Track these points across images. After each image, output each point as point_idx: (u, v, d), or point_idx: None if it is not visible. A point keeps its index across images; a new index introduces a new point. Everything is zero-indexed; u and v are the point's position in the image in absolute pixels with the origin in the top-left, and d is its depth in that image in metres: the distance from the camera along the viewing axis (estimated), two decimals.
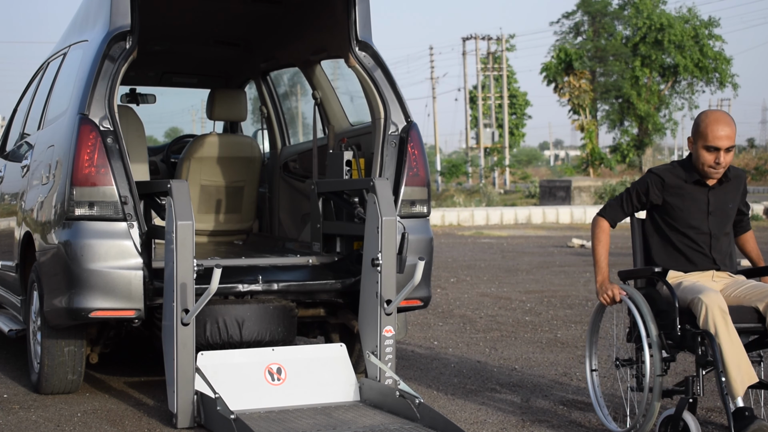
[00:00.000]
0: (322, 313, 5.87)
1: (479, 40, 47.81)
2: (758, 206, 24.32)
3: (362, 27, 5.77)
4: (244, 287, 5.35)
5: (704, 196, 4.66)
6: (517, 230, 21.48)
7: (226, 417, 4.61)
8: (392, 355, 5.21)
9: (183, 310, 4.80)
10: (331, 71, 6.80)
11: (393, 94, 5.72)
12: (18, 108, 7.34)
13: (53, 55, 6.67)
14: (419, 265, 5.03)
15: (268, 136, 7.51)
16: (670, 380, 5.05)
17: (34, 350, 5.66)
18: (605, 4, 48.88)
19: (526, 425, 4.92)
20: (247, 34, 7.07)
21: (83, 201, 5.09)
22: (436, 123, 49.68)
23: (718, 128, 4.52)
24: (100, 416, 5.17)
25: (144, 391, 5.75)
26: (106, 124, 5.17)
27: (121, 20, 5.37)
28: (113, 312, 5.10)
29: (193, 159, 6.69)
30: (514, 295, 9.97)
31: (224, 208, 6.89)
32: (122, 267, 5.07)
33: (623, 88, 46.48)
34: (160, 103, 8.17)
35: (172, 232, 4.82)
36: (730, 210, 4.73)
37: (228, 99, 6.90)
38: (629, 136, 48.24)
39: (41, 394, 5.58)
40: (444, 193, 34.18)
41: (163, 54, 7.41)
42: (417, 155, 5.61)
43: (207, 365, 4.97)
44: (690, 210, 4.65)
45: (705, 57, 46.39)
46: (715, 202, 4.66)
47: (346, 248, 5.80)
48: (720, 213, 4.68)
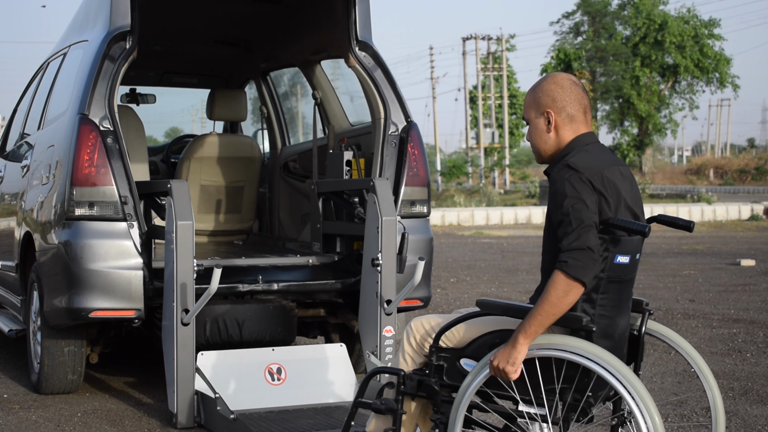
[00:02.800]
0: (322, 313, 5.88)
1: (479, 40, 47.78)
2: (758, 206, 24.33)
3: (362, 27, 5.77)
4: (244, 287, 5.35)
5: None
6: (517, 230, 21.47)
7: (226, 417, 4.61)
8: (392, 355, 5.21)
9: (183, 310, 4.80)
10: (331, 71, 6.80)
11: (393, 94, 5.72)
12: (18, 108, 7.34)
13: (53, 55, 6.67)
14: (419, 265, 5.02)
15: (268, 136, 7.51)
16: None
17: (34, 350, 5.66)
18: (605, 4, 48.84)
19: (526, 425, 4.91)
20: (247, 34, 7.07)
21: (83, 201, 5.09)
22: (436, 123, 49.67)
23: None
24: (100, 416, 5.17)
25: (144, 391, 5.75)
26: (106, 124, 5.17)
27: (121, 20, 5.37)
28: (113, 312, 5.10)
29: (193, 159, 6.69)
30: (514, 295, 9.97)
31: (224, 208, 6.89)
32: (122, 267, 5.07)
33: (623, 88, 46.46)
34: (160, 103, 8.18)
35: (172, 232, 4.82)
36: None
37: (228, 99, 6.90)
38: (629, 136, 48.22)
39: (41, 394, 5.58)
40: (444, 193, 34.16)
41: (163, 54, 7.41)
42: (417, 155, 5.61)
43: (207, 365, 4.97)
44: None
45: (705, 57, 46.36)
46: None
47: (346, 248, 5.80)
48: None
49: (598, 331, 3.11)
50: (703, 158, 58.39)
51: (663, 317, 8.35)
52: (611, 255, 3.10)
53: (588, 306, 3.11)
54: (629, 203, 3.18)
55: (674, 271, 12.37)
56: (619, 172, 3.19)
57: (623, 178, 3.19)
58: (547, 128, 3.27)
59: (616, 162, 3.21)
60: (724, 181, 47.16)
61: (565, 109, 3.25)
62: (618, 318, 3.19)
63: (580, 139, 3.24)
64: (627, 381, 2.98)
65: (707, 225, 21.96)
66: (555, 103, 3.25)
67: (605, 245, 3.08)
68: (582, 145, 3.22)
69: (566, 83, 3.26)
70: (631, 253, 3.15)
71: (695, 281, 11.15)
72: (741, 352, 6.79)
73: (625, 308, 3.24)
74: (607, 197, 3.10)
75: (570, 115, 3.25)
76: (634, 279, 3.28)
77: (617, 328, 3.19)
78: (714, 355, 6.67)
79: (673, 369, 6.20)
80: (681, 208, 23.61)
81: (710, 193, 30.63)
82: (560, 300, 3.00)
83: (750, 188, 42.28)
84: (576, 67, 42.90)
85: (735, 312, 8.63)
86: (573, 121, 3.25)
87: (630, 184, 3.22)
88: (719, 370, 6.17)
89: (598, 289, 3.11)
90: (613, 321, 3.16)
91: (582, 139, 3.24)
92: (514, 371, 3.07)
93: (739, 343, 7.12)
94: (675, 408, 5.22)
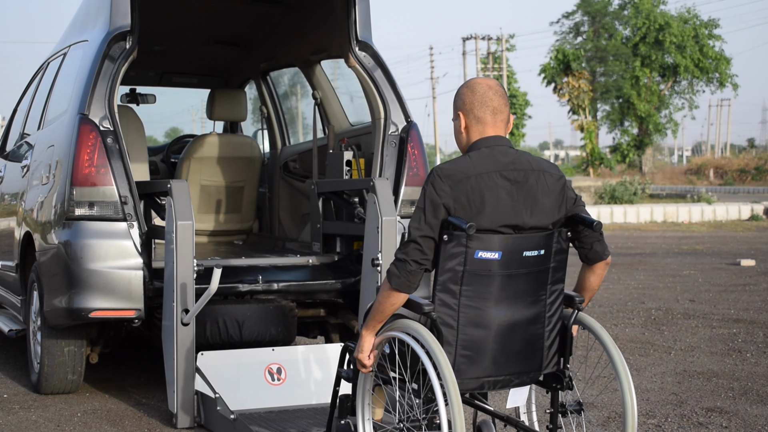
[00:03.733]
0: (322, 313, 5.88)
1: (479, 40, 47.81)
2: (758, 206, 24.33)
3: (362, 27, 5.77)
4: (244, 287, 5.35)
5: None
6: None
7: (226, 417, 4.61)
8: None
9: (183, 310, 4.80)
10: (331, 71, 6.80)
11: (393, 94, 5.72)
12: (18, 108, 7.34)
13: (53, 55, 6.67)
14: None
15: (268, 136, 7.51)
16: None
17: (34, 350, 5.66)
18: (605, 4, 48.86)
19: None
20: (247, 34, 7.07)
21: (83, 201, 5.09)
22: (436, 123, 49.69)
23: None
24: (100, 416, 5.17)
25: (144, 391, 5.75)
26: (106, 124, 5.17)
27: (121, 20, 5.37)
28: (113, 312, 5.10)
29: (193, 159, 6.69)
30: None
31: (224, 208, 6.89)
32: (122, 267, 5.07)
33: (623, 88, 46.48)
34: (160, 103, 8.18)
35: (172, 232, 4.82)
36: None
37: (228, 99, 6.90)
38: (629, 136, 48.23)
39: (41, 394, 5.58)
40: None
41: (163, 54, 7.41)
42: (417, 155, 5.61)
43: (207, 365, 4.97)
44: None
45: (705, 57, 46.38)
46: None
47: (346, 248, 5.80)
48: None
49: (464, 319, 3.34)
50: (703, 158, 58.37)
51: (663, 317, 8.36)
52: (470, 251, 3.28)
53: (447, 296, 3.32)
54: (503, 206, 3.33)
55: (674, 271, 12.37)
56: (500, 176, 3.34)
57: (508, 182, 3.35)
58: (460, 129, 3.47)
59: (502, 167, 3.36)
60: (724, 181, 47.15)
61: (473, 111, 3.43)
62: (492, 309, 3.36)
63: (479, 142, 3.42)
64: (433, 353, 3.24)
65: (707, 225, 21.95)
66: (464, 105, 3.45)
67: (456, 241, 3.26)
68: (478, 148, 3.41)
69: (479, 88, 3.45)
70: (500, 249, 3.31)
71: (695, 281, 11.15)
72: (741, 352, 6.79)
73: (506, 300, 3.38)
74: (466, 201, 3.29)
75: (477, 118, 3.43)
76: (546, 272, 3.42)
77: (493, 318, 3.37)
78: (714, 355, 6.67)
79: (673, 369, 6.20)
80: (681, 208, 23.61)
81: (710, 193, 30.62)
82: (385, 301, 3.36)
83: (750, 188, 42.26)
84: (575, 67, 42.88)
85: (735, 312, 8.63)
86: (480, 123, 3.43)
87: (519, 187, 3.36)
88: (719, 370, 6.18)
89: (459, 281, 3.31)
90: (482, 311, 3.35)
91: (481, 142, 3.42)
92: (363, 358, 3.49)
93: (739, 343, 7.13)
94: (675, 408, 5.22)
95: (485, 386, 3.47)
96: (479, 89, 3.44)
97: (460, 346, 3.36)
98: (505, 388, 3.54)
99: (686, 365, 6.31)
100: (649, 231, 20.61)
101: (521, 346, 3.44)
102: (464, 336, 3.35)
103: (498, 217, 3.33)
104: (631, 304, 9.18)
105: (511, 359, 3.43)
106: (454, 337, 3.35)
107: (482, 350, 3.38)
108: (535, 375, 3.54)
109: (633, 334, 7.51)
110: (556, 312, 3.49)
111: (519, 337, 3.43)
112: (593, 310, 8.77)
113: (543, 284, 3.44)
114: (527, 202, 3.37)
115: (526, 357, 3.47)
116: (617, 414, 5.09)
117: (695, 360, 6.51)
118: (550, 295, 3.46)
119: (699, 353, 6.74)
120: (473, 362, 3.38)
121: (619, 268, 12.83)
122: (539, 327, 3.47)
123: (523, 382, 3.54)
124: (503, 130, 3.46)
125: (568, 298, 3.54)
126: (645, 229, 21.06)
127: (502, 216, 3.33)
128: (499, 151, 3.40)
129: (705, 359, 6.54)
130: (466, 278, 3.32)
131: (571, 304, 3.54)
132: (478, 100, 3.43)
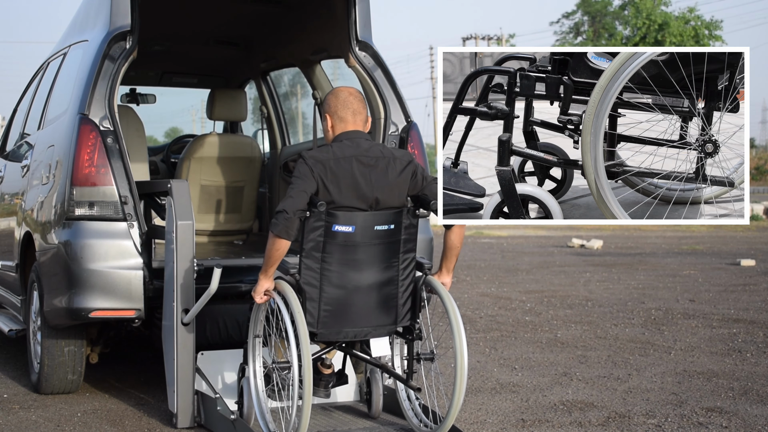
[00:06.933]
0: None
1: (479, 40, 47.81)
2: (758, 206, 24.33)
3: (362, 27, 5.77)
4: (244, 287, 5.35)
5: None
6: (516, 230, 21.48)
7: (226, 417, 4.61)
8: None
9: (183, 310, 4.81)
10: (331, 71, 6.80)
11: (393, 94, 5.73)
12: (18, 108, 7.34)
13: (53, 55, 6.67)
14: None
15: (268, 136, 7.51)
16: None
17: (34, 350, 5.66)
18: (605, 4, 48.89)
19: (526, 425, 4.92)
20: (247, 34, 7.07)
21: (83, 201, 5.09)
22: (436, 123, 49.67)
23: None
24: (100, 416, 5.17)
25: (144, 391, 5.75)
26: (106, 124, 5.17)
27: (121, 20, 5.37)
28: (113, 312, 5.10)
29: (193, 159, 6.69)
30: (514, 295, 9.97)
31: (224, 208, 6.89)
32: (122, 267, 5.07)
33: None
34: (160, 103, 8.18)
35: (172, 232, 4.82)
36: None
37: (228, 99, 6.89)
38: None
39: (41, 394, 5.58)
40: None
41: (163, 54, 7.41)
42: (417, 155, 5.61)
43: (207, 365, 4.97)
44: None
45: None
46: None
47: None
48: None
49: (326, 281, 4.16)
50: None
51: (663, 317, 8.36)
52: (328, 225, 4.10)
53: (311, 261, 4.15)
54: (361, 185, 4.12)
55: (674, 271, 12.37)
56: (356, 161, 4.15)
57: (362, 165, 4.15)
58: (328, 127, 4.33)
59: (358, 154, 4.16)
60: None
61: (337, 113, 4.30)
62: (350, 273, 4.16)
63: (341, 135, 4.26)
64: (291, 305, 4.07)
65: (707, 225, 21.96)
66: (330, 108, 4.32)
67: (317, 216, 4.08)
68: (339, 140, 4.24)
69: (341, 94, 4.32)
70: (353, 224, 4.11)
71: (695, 281, 11.15)
72: (741, 352, 6.79)
73: (362, 266, 4.17)
74: (325, 182, 4.09)
75: (340, 117, 4.30)
76: (397, 243, 4.21)
77: (351, 281, 4.17)
78: (714, 355, 6.67)
79: (673, 369, 6.20)
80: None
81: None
82: (272, 248, 4.12)
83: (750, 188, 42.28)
84: None
85: (735, 312, 8.63)
86: (342, 121, 4.30)
87: (371, 170, 4.15)
88: (719, 370, 6.18)
89: (320, 249, 4.13)
90: (341, 275, 4.15)
91: (343, 135, 4.26)
92: (258, 297, 4.30)
93: (739, 343, 7.13)
94: (675, 408, 5.22)
95: (348, 335, 4.25)
96: (342, 95, 4.31)
97: (323, 302, 4.16)
98: (365, 338, 4.32)
99: (686, 365, 6.31)
100: (649, 231, 20.62)
101: (377, 304, 4.24)
102: (326, 294, 4.17)
103: (352, 194, 4.11)
104: (631, 304, 9.18)
105: (368, 315, 4.24)
106: (317, 295, 4.16)
107: (342, 306, 4.19)
108: (390, 328, 4.33)
109: (633, 334, 7.51)
110: (408, 276, 4.30)
111: (375, 297, 4.22)
112: (594, 310, 8.78)
113: (395, 253, 4.23)
114: (378, 183, 4.15)
115: (381, 313, 4.26)
116: (617, 414, 5.09)
117: (695, 360, 6.52)
118: (402, 263, 4.27)
119: (699, 353, 6.74)
120: (335, 316, 4.19)
121: (619, 268, 12.84)
122: (393, 288, 4.26)
123: (380, 333, 4.31)
124: (362, 127, 4.30)
125: (419, 265, 4.34)
126: (645, 229, 21.07)
127: (356, 194, 4.12)
128: (356, 142, 4.21)
129: (705, 359, 6.54)
130: (326, 247, 4.13)
131: (421, 269, 4.35)
132: (341, 103, 4.29)
